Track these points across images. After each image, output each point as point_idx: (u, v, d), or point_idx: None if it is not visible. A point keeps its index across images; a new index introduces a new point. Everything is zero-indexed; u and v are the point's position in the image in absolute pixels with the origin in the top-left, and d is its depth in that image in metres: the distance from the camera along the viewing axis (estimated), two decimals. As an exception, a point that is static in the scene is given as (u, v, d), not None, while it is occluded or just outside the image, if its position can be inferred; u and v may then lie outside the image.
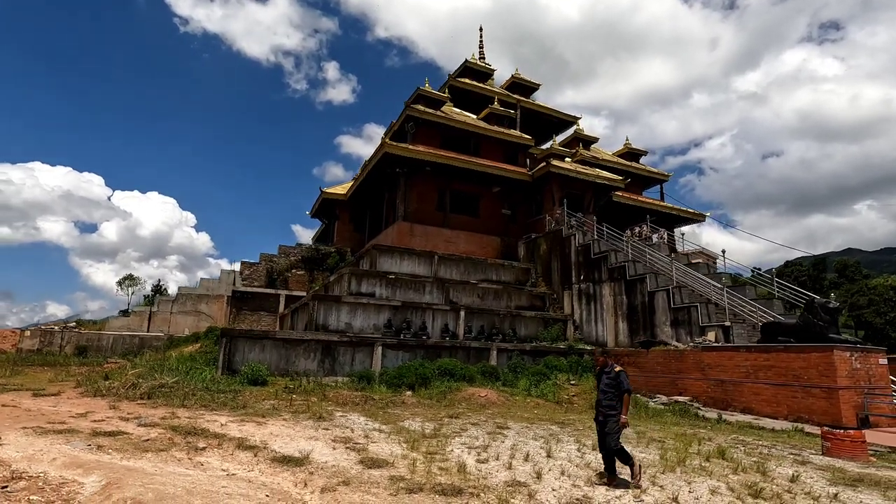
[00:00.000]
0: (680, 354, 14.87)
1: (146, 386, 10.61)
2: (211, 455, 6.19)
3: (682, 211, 32.14)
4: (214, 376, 12.52)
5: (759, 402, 12.41)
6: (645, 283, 18.15)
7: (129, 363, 14.82)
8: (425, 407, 11.70)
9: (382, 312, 18.09)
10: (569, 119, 35.11)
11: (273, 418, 8.80)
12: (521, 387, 14.96)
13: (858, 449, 7.67)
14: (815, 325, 11.97)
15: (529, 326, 20.87)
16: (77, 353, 21.26)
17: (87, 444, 6.01)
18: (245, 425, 8.03)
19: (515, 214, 27.69)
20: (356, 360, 14.83)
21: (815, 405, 11.20)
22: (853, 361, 11.21)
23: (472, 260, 23.36)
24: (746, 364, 12.84)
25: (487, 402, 12.85)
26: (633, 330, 18.38)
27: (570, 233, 22.54)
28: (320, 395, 12.10)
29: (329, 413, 9.79)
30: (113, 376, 11.89)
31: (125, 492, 4.42)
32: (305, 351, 14.29)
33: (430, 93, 27.42)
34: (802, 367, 11.54)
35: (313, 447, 6.81)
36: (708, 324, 15.72)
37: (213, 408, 9.42)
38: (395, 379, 13.81)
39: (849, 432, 7.78)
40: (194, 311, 25.50)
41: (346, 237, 31.72)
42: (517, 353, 17.25)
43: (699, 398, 13.92)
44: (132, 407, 9.06)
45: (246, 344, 13.51)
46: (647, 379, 15.72)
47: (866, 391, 11.13)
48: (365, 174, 26.72)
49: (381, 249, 21.65)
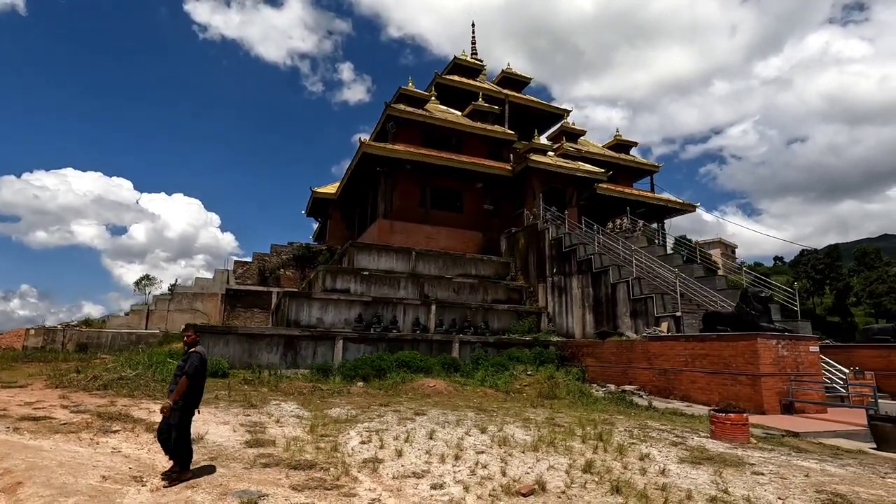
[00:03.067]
0: (630, 344, 15.20)
1: (106, 378, 11.55)
2: (116, 436, 6.97)
3: (671, 202, 31.98)
4: (179, 369, 13.42)
5: (695, 389, 12.71)
6: (609, 275, 18.43)
7: (112, 359, 15.89)
8: (368, 396, 12.38)
9: (353, 308, 18.84)
10: (559, 112, 35.21)
11: (205, 406, 9.58)
12: (477, 377, 15.50)
13: (738, 431, 8.02)
14: (748, 314, 12.21)
15: (502, 319, 21.35)
16: (78, 350, 22.62)
17: (6, 427, 6.85)
18: (172, 412, 8.82)
19: (499, 210, 28.06)
20: (318, 354, 15.60)
21: (741, 392, 11.46)
22: (779, 349, 11.42)
23: (450, 255, 23.89)
24: (685, 353, 13.13)
25: (434, 392, 13.45)
26: (598, 321, 18.70)
27: (545, 227, 22.87)
28: (273, 385, 12.90)
29: (265, 401, 10.55)
30: (84, 370, 12.90)
31: (2, 463, 5.20)
32: (268, 345, 15.13)
33: (413, 92, 27.97)
34: (732, 355, 11.80)
35: (215, 430, 7.55)
36: (663, 314, 15.97)
37: (157, 398, 10.28)
38: (352, 371, 14.53)
39: (729, 416, 8.12)
40: (190, 308, 26.74)
41: (338, 235, 32.62)
42: (480, 346, 17.78)
43: (646, 387, 14.26)
44: (83, 397, 9.98)
45: (210, 339, 14.41)
46: (603, 369, 16.09)
47: (793, 378, 11.33)
48: (348, 174, 27.48)
49: (358, 247, 22.38)
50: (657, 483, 5.57)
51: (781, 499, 5.22)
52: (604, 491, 5.25)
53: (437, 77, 32.62)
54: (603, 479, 5.59)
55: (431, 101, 30.30)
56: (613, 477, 5.69)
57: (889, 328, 15.08)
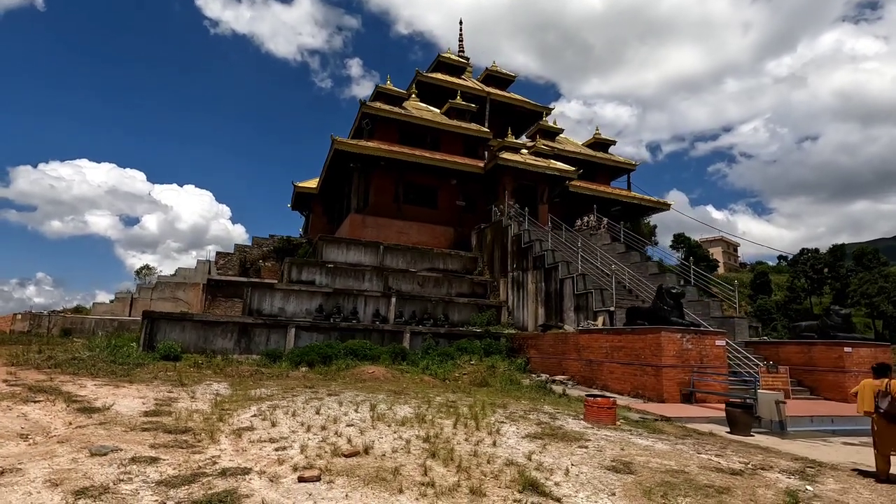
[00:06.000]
0: (565, 337, 15.93)
1: (61, 358, 12.57)
2: (34, 405, 7.91)
3: (646, 200, 32.47)
4: (135, 353, 14.44)
5: (613, 379, 13.44)
6: (559, 270, 19.13)
7: (81, 342, 16.96)
8: (304, 380, 13.26)
9: (315, 298, 19.75)
10: (540, 110, 35.73)
11: (137, 384, 10.55)
12: (420, 366, 16.34)
13: (604, 414, 8.77)
14: (661, 309, 12.89)
15: (463, 312, 22.14)
16: (62, 335, 23.85)
17: (-64, 394, 7.82)
18: (102, 388, 9.78)
19: (472, 206, 28.78)
20: (271, 341, 16.54)
21: (647, 382, 12.18)
22: (684, 342, 12.10)
23: (418, 250, 24.69)
24: (607, 345, 13.85)
25: (370, 378, 14.30)
26: (548, 315, 19.44)
27: (508, 223, 23.57)
28: (219, 369, 13.86)
29: (198, 382, 11.48)
30: (46, 351, 13.95)
31: (-90, 420, 6.13)
32: (223, 332, 16.09)
33: (390, 90, 28.73)
34: (641, 347, 12.51)
35: (128, 403, 8.47)
36: (601, 308, 16.66)
37: (97, 375, 11.25)
38: (298, 357, 15.45)
39: (597, 399, 8.87)
40: (172, 297, 27.87)
41: (319, 228, 33.54)
42: (431, 336, 18.59)
43: (575, 377, 15.00)
44: (30, 374, 10.97)
45: (167, 325, 15.40)
46: (543, 360, 16.84)
47: (696, 370, 12.02)
48: (325, 170, 28.34)
49: (327, 240, 23.27)
50: (478, 451, 6.36)
51: (575, 465, 6.00)
52: (420, 455, 6.06)
53: (419, 75, 33.28)
54: (432, 448, 6.39)
55: (412, 99, 31.04)
56: (441, 446, 6.49)
57: (815, 325, 15.63)
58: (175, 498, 4.37)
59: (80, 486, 4.47)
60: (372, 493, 4.72)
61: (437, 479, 5.18)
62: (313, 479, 5.01)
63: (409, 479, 5.13)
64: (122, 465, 5.14)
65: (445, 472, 5.47)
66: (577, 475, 5.60)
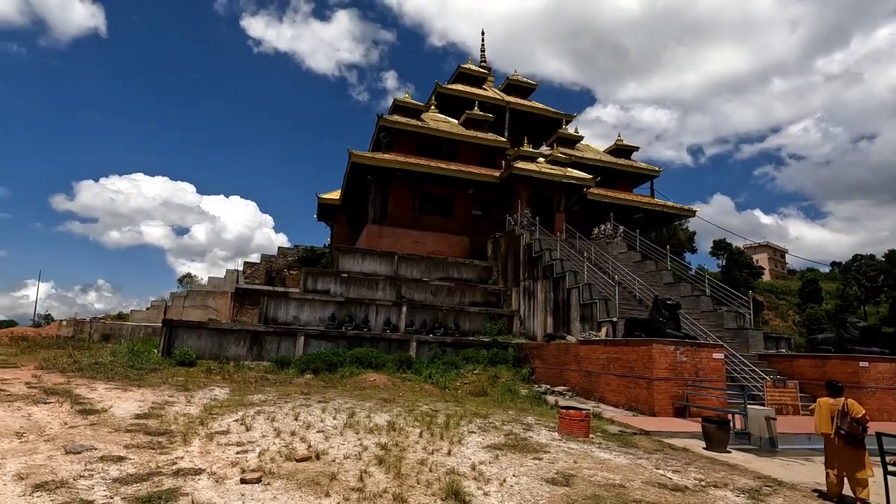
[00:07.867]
0: (566, 348, 15.86)
1: (85, 362, 13.62)
2: (43, 406, 8.72)
3: (669, 207, 31.68)
4: (155, 358, 15.42)
5: (609, 391, 13.30)
6: (566, 280, 19.04)
7: (111, 347, 18.20)
8: (306, 387, 13.81)
9: (328, 307, 20.43)
10: (561, 117, 35.56)
11: (145, 388, 11.34)
12: (424, 374, 16.62)
13: (576, 427, 8.79)
14: (656, 320, 12.71)
15: (475, 321, 22.30)
16: (102, 340, 25.54)
17: (-39, 395, 8.75)
18: (111, 391, 10.60)
19: (491, 215, 28.94)
20: (281, 348, 17.25)
21: (640, 394, 12.02)
22: (677, 355, 11.87)
23: (433, 259, 25.07)
24: (604, 357, 13.73)
25: (370, 385, 14.71)
26: (556, 325, 19.35)
27: (521, 232, 23.61)
28: (228, 374, 14.60)
29: (202, 387, 12.19)
30: (74, 355, 15.12)
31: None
32: (236, 339, 16.93)
33: (408, 103, 29.39)
34: (635, 359, 12.36)
35: (126, 405, 9.18)
36: (605, 319, 16.49)
37: (112, 379, 12.15)
38: (305, 364, 16.05)
39: (570, 412, 8.90)
40: (203, 305, 29.29)
41: (342, 238, 34.52)
42: (437, 345, 18.85)
43: (575, 388, 14.91)
44: (53, 377, 11.98)
45: (185, 332, 16.36)
46: (547, 370, 16.80)
47: (690, 384, 11.77)
48: (345, 182, 29.23)
49: (343, 250, 24.01)
50: (427, 460, 6.60)
51: (516, 476, 6.15)
52: (368, 462, 6.36)
53: (438, 87, 33.84)
54: (383, 456, 6.68)
55: (431, 111, 31.65)
56: (395, 454, 6.77)
57: (831, 338, 14.92)
58: (122, 494, 4.85)
59: (42, 480, 5.03)
60: (300, 495, 5.06)
61: (370, 485, 5.47)
62: (254, 482, 5.41)
63: (342, 484, 5.44)
64: (90, 463, 5.70)
65: (382, 478, 5.75)
66: (511, 486, 5.75)
